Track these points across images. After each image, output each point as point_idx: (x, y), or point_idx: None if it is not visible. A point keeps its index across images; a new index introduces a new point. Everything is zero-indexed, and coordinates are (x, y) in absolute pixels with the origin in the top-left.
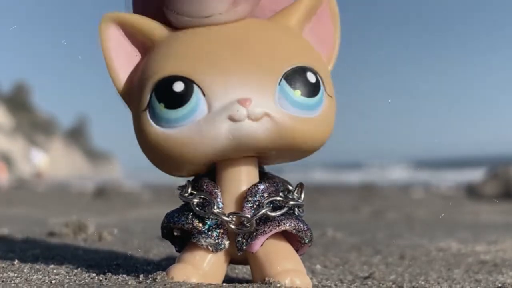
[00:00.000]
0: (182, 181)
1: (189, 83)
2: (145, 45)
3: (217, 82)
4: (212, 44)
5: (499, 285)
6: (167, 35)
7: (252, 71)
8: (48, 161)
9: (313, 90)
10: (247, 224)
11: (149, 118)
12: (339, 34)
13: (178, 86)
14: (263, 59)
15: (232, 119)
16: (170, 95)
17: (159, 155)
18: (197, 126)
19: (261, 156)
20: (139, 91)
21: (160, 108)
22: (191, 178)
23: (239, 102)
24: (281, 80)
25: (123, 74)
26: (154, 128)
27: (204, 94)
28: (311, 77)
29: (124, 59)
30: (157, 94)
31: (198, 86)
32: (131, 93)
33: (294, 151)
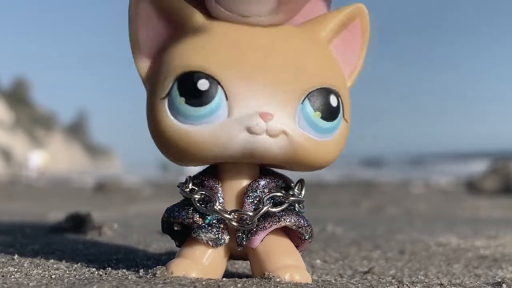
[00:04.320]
0: (182, 177)
1: (214, 83)
2: (176, 27)
3: (242, 89)
4: (244, 46)
5: (499, 280)
6: (202, 23)
7: (279, 84)
8: (48, 157)
9: (332, 114)
10: (249, 222)
11: (167, 108)
12: (365, 51)
13: (203, 84)
14: (291, 73)
15: (250, 131)
16: (193, 91)
17: (168, 145)
18: (213, 129)
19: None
20: (161, 77)
21: (180, 101)
22: (191, 173)
23: (261, 116)
24: (304, 99)
25: (146, 52)
26: (169, 119)
27: (227, 98)
28: (333, 101)
29: (149, 35)
30: (179, 87)
31: (223, 89)
32: (151, 75)
33: (300, 167)
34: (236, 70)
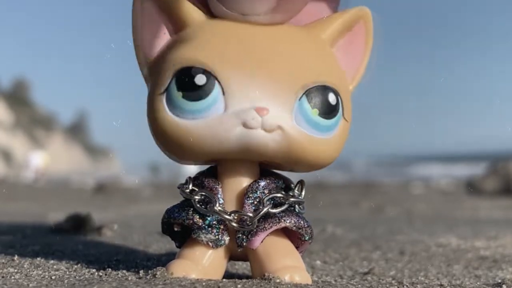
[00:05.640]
0: (180, 179)
1: (211, 79)
2: (177, 25)
3: (239, 84)
4: (243, 44)
5: (499, 280)
6: (202, 21)
7: (276, 80)
8: (48, 157)
9: (331, 111)
10: (249, 223)
11: (165, 103)
12: (369, 55)
13: (200, 79)
14: (289, 70)
15: (245, 125)
16: (191, 86)
17: (166, 141)
18: (209, 123)
19: (263, 162)
20: (160, 72)
21: (178, 96)
22: (192, 174)
23: (256, 110)
24: (302, 96)
25: (148, 48)
26: (167, 114)
27: (223, 93)
28: (332, 99)
29: (153, 34)
30: (177, 81)
31: (220, 84)
32: (152, 72)
33: (298, 166)
34: (234, 66)
